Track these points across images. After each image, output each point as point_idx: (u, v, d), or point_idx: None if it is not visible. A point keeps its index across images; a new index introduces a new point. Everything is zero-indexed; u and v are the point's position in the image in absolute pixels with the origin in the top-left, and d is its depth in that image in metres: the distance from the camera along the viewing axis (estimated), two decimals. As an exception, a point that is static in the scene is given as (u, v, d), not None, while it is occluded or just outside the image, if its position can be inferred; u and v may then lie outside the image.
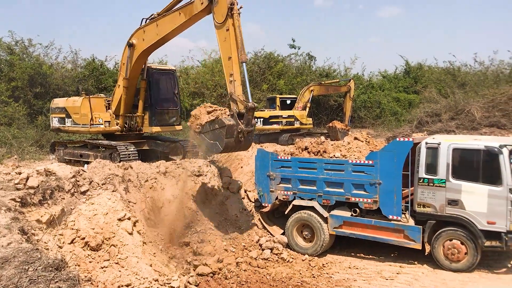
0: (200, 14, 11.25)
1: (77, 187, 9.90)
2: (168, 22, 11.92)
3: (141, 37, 12.71)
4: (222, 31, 10.50)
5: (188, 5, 11.32)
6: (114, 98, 13.93)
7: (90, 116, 13.75)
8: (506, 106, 22.18)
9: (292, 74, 32.41)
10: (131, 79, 13.35)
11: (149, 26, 12.48)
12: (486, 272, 9.96)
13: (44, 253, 7.71)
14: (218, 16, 10.54)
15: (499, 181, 9.53)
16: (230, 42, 10.34)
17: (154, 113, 14.39)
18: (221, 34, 10.56)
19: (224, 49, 10.57)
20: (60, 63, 28.79)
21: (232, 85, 10.35)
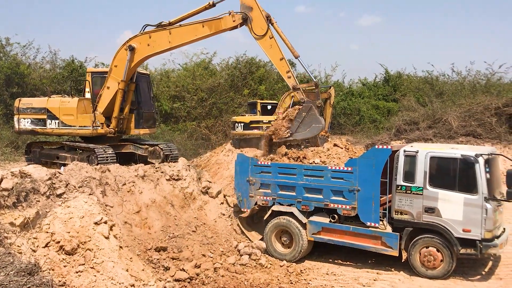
0: (227, 29, 12.17)
1: (53, 189, 9.71)
2: (187, 32, 12.47)
3: (146, 42, 12.86)
4: (265, 41, 11.93)
5: (215, 20, 12.13)
6: (102, 100, 13.66)
7: (94, 118, 13.43)
8: (482, 116, 22.65)
9: (273, 79, 32.53)
10: (126, 82, 13.37)
11: (159, 33, 12.70)
12: (461, 279, 10.09)
13: (17, 257, 7.54)
14: (257, 29, 11.91)
15: (475, 189, 9.69)
16: (277, 47, 11.95)
17: (142, 116, 14.31)
18: (265, 43, 11.96)
19: (273, 54, 12.07)
20: (38, 63, 28.38)
21: (291, 79, 12.10)
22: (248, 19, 11.92)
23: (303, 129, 11.98)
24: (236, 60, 32.86)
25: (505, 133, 21.91)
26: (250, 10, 11.97)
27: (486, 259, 10.96)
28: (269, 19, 11.92)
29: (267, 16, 11.90)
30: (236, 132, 23.63)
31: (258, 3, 11.99)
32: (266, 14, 11.90)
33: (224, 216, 12.86)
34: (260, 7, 11.95)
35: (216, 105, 29.44)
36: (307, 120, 11.89)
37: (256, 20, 11.91)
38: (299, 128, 11.93)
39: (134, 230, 10.88)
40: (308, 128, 11.89)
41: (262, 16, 11.87)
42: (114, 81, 13.38)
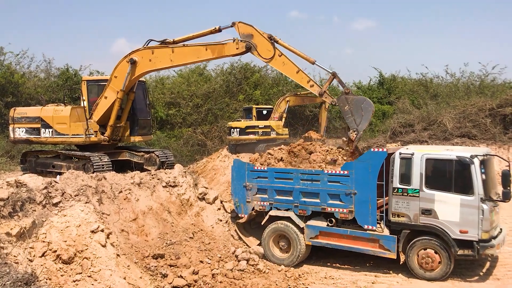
0: (229, 55, 12.34)
1: (49, 198, 9.68)
2: (190, 53, 12.49)
3: (148, 57, 12.83)
4: (276, 61, 11.91)
5: (218, 45, 12.14)
6: (98, 109, 13.68)
7: (86, 127, 13.40)
8: (476, 117, 22.76)
9: (268, 84, 32.58)
10: (125, 92, 13.39)
11: (162, 50, 12.68)
12: (459, 281, 10.11)
13: (14, 267, 7.51)
14: (264, 53, 11.89)
15: (471, 190, 9.72)
16: (290, 62, 11.87)
17: (137, 123, 14.30)
18: (276, 63, 11.97)
19: (288, 70, 12.02)
20: (32, 72, 28.29)
21: (315, 87, 11.93)
22: (252, 47, 11.91)
23: (359, 116, 11.49)
24: (230, 66, 32.91)
25: (500, 133, 22.02)
26: (251, 38, 11.95)
27: (483, 259, 10.98)
28: (272, 39, 11.89)
29: (269, 37, 11.88)
30: (232, 137, 23.68)
31: (256, 28, 11.95)
32: (268, 35, 11.90)
33: (221, 222, 12.84)
34: (260, 32, 11.92)
35: (212, 111, 29.45)
36: (354, 108, 11.52)
37: (260, 45, 11.91)
38: (357, 119, 11.48)
39: (131, 238, 10.83)
40: (362, 112, 11.45)
41: (265, 39, 11.87)
42: (112, 92, 13.36)
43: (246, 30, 12.00)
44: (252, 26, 11.92)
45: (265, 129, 23.47)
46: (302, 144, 12.76)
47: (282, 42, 11.98)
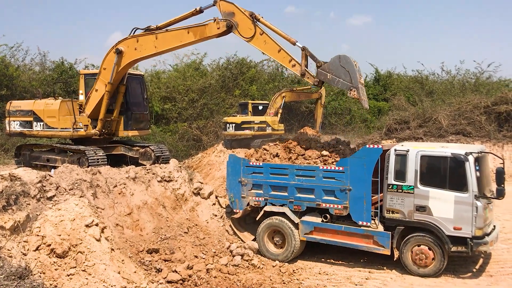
0: (213, 36, 11.82)
1: (43, 192, 9.64)
2: (172, 38, 12.12)
3: (133, 46, 12.59)
4: (257, 39, 11.36)
5: (200, 27, 11.73)
6: (90, 102, 13.61)
7: (74, 120, 13.33)
8: (471, 114, 22.87)
9: (264, 80, 32.58)
10: (114, 85, 13.19)
11: (146, 37, 12.42)
12: (453, 277, 10.17)
13: (7, 261, 7.49)
14: (245, 32, 11.39)
15: (465, 187, 9.76)
16: (272, 40, 11.29)
17: (130, 117, 14.19)
18: (258, 42, 11.38)
19: (269, 49, 11.40)
20: (27, 65, 28.14)
21: (297, 66, 11.24)
22: (233, 25, 11.47)
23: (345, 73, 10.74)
24: (227, 61, 32.85)
25: (495, 131, 22.13)
26: (232, 16, 11.51)
27: (476, 256, 11.04)
28: (253, 17, 11.38)
29: (251, 14, 11.38)
30: (227, 132, 23.65)
31: (237, 5, 11.51)
32: (250, 13, 11.38)
33: (216, 217, 12.84)
34: (241, 9, 11.47)
35: (207, 106, 29.40)
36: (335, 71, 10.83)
37: (241, 23, 11.44)
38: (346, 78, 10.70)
39: (126, 232, 10.82)
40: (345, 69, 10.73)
41: (246, 17, 11.40)
42: (102, 84, 13.26)
43: (228, 8, 11.57)
44: (233, 3, 11.49)
45: (261, 125, 23.46)
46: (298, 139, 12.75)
47: (264, 20, 11.46)
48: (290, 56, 11.26)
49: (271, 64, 34.85)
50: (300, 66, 11.26)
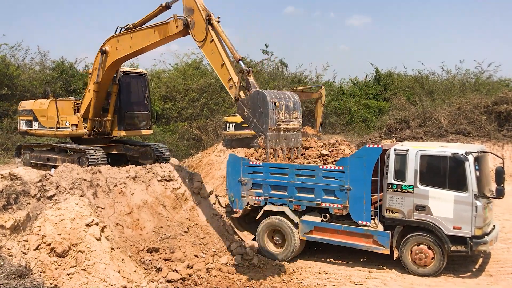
0: (176, 36, 10.84)
1: (44, 191, 9.65)
2: (143, 37, 11.39)
3: (115, 46, 12.14)
4: (206, 46, 10.02)
5: (162, 25, 10.84)
6: (84, 102, 13.63)
7: (56, 119, 13.43)
8: (471, 114, 22.88)
9: (264, 79, 32.56)
10: (103, 84, 12.94)
11: (124, 36, 11.91)
12: (452, 276, 10.18)
13: (7, 260, 7.51)
14: (198, 35, 10.11)
15: (465, 187, 9.77)
16: (218, 51, 9.84)
17: (123, 117, 14.08)
18: (207, 49, 10.06)
19: (214, 60, 10.05)
20: (27, 64, 28.16)
21: (233, 89, 9.66)
22: (189, 24, 10.18)
23: (259, 114, 8.89)
24: (227, 60, 32.80)
25: (495, 131, 22.14)
26: (191, 13, 10.18)
27: (476, 256, 11.06)
28: (209, 19, 9.91)
29: (207, 16, 9.92)
30: (227, 132, 23.64)
31: (198, 2, 10.13)
32: (207, 14, 9.95)
33: (216, 216, 12.85)
34: (200, 7, 10.04)
35: (207, 105, 29.42)
36: (252, 108, 9.05)
37: (197, 24, 10.09)
38: (259, 120, 8.91)
39: (126, 232, 10.83)
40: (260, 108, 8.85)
41: (202, 19, 9.98)
42: (93, 84, 13.17)
43: (189, 3, 10.26)
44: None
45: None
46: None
47: (218, 25, 9.93)
48: (231, 75, 9.71)
49: (271, 64, 34.88)
50: (236, 91, 9.57)
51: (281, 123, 8.79)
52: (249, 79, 9.35)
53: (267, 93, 8.72)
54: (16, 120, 23.06)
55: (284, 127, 8.92)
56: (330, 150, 12.06)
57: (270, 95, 8.69)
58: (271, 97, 8.65)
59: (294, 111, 8.99)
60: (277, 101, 8.70)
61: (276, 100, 8.68)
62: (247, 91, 9.25)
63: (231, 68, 9.74)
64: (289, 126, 9.01)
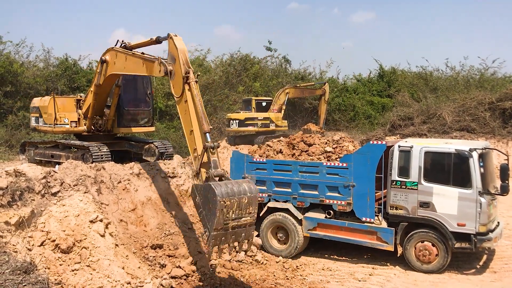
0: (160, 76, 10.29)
1: (48, 188, 9.69)
2: (134, 64, 10.89)
3: (113, 59, 11.69)
4: (181, 104, 9.26)
5: (149, 62, 10.22)
6: (86, 100, 13.67)
7: (54, 116, 13.54)
8: (475, 110, 22.77)
9: (268, 76, 32.53)
10: (103, 88, 12.76)
11: (121, 54, 11.27)
12: (456, 273, 10.17)
13: (12, 256, 7.54)
14: (176, 88, 9.34)
15: (469, 184, 9.75)
16: (190, 115, 8.97)
17: (123, 114, 14.09)
18: (181, 107, 9.33)
19: (185, 122, 9.25)
20: (31, 61, 28.21)
21: (196, 162, 8.78)
22: (170, 74, 9.40)
23: (208, 210, 7.92)
24: (230, 57, 32.82)
25: (499, 127, 22.05)
26: (173, 62, 9.35)
27: (480, 253, 11.05)
28: (187, 77, 8.98)
29: (186, 73, 8.98)
30: (231, 129, 23.67)
31: (180, 53, 9.18)
32: (186, 70, 8.98)
33: (219, 213, 12.84)
34: (181, 61, 9.08)
35: (211, 102, 29.40)
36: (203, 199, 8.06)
37: (176, 76, 9.28)
38: (206, 215, 7.98)
39: (130, 228, 10.86)
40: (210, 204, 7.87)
41: (180, 74, 9.09)
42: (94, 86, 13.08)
43: (173, 51, 9.45)
44: (177, 49, 9.25)
45: (264, 121, 23.46)
46: (301, 136, 12.74)
47: (194, 87, 8.94)
48: (196, 146, 8.83)
49: (274, 61, 34.84)
50: (197, 164, 8.72)
51: (230, 221, 7.92)
52: (212, 157, 8.45)
53: (218, 190, 7.71)
54: (19, 117, 23.37)
55: (234, 224, 8.04)
56: (333, 146, 12.06)
57: (221, 192, 7.72)
58: (221, 195, 7.70)
59: (248, 207, 8.10)
60: (229, 200, 7.77)
61: (228, 198, 7.76)
62: (207, 171, 8.43)
63: (199, 138, 8.80)
64: (239, 222, 8.11)
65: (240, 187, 8.02)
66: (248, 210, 8.13)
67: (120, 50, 11.29)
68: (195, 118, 8.89)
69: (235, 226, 8.07)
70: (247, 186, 8.12)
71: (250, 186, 8.16)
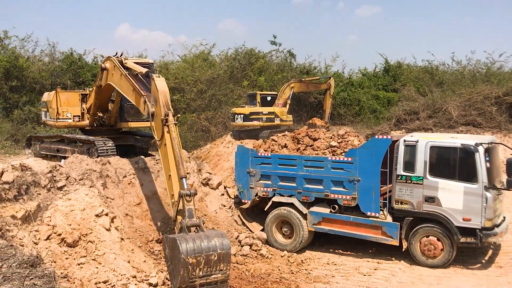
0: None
1: (54, 182, 9.74)
2: (125, 86, 10.71)
3: (112, 70, 11.36)
4: (162, 147, 9.14)
5: (138, 94, 10.09)
6: (90, 96, 13.73)
7: (56, 110, 13.62)
8: (482, 105, 22.62)
9: (272, 70, 32.41)
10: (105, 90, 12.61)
11: (118, 69, 11.00)
12: (461, 268, 10.15)
13: (19, 250, 7.59)
14: (157, 130, 9.23)
15: (475, 178, 9.71)
16: (168, 160, 8.79)
17: (124, 109, 14.08)
18: (161, 150, 9.22)
19: (165, 166, 9.12)
20: (37, 56, 28.29)
21: (173, 208, 8.60)
22: (152, 116, 9.31)
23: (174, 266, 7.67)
24: (235, 51, 32.72)
25: (505, 122, 21.90)
26: (155, 104, 9.29)
27: (486, 247, 11.01)
28: (166, 120, 8.87)
29: (165, 115, 8.88)
30: (236, 123, 23.63)
31: (161, 97, 9.08)
32: (165, 112, 8.90)
33: (224, 207, 12.90)
34: (161, 103, 9.01)
35: (216, 96, 29.37)
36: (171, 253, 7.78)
37: (158, 119, 9.14)
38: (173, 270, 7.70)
39: (135, 222, 10.91)
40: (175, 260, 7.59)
41: (160, 118, 9.02)
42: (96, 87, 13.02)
43: (154, 92, 9.38)
44: (158, 91, 9.14)
45: (269, 116, 23.40)
46: (307, 131, 12.73)
47: (173, 130, 8.82)
48: (174, 190, 8.61)
49: (279, 55, 34.71)
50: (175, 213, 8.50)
51: (197, 279, 7.59)
52: (187, 206, 8.16)
53: (183, 246, 7.38)
54: (25, 112, 23.49)
55: (202, 282, 7.67)
56: (339, 141, 12.04)
57: (186, 249, 7.38)
58: (186, 252, 7.37)
59: (218, 264, 7.72)
60: (194, 258, 7.44)
61: (193, 256, 7.43)
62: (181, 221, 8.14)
63: (176, 184, 8.59)
64: (208, 279, 7.72)
65: (210, 243, 7.61)
66: (219, 267, 7.73)
67: (117, 64, 10.99)
68: (173, 163, 8.68)
69: (204, 283, 7.67)
70: (218, 242, 7.68)
71: (222, 241, 7.72)
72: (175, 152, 8.61)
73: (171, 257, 7.75)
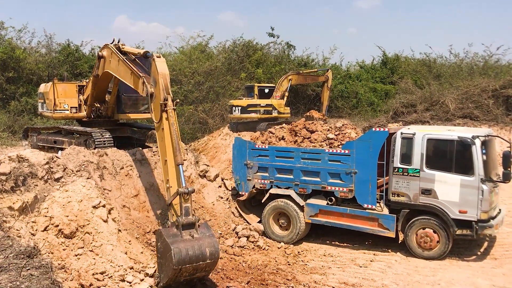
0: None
1: (51, 173, 9.73)
2: (123, 71, 10.51)
3: (109, 57, 11.14)
4: (159, 131, 9.07)
5: (136, 76, 9.90)
6: (87, 87, 13.68)
7: (53, 102, 13.59)
8: (479, 98, 22.65)
9: (270, 63, 32.32)
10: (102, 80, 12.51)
11: (115, 55, 10.77)
12: (457, 260, 10.22)
13: (16, 241, 7.60)
14: (156, 113, 9.09)
15: (471, 171, 9.75)
16: (165, 144, 8.79)
17: (121, 101, 14.03)
18: (158, 134, 9.16)
19: (161, 150, 9.09)
20: (33, 47, 28.15)
21: (168, 192, 8.65)
22: (151, 97, 9.16)
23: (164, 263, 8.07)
24: (233, 43, 32.59)
25: (502, 115, 21.96)
26: (155, 85, 9.13)
27: (481, 239, 11.09)
28: (165, 104, 8.78)
29: (164, 99, 8.79)
30: (233, 115, 23.62)
31: (160, 79, 8.94)
32: (164, 97, 8.79)
33: (222, 199, 12.92)
34: (161, 86, 8.87)
35: (213, 88, 29.32)
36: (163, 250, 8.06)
37: (156, 100, 9.02)
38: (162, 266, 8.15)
39: (133, 214, 10.92)
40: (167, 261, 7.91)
41: (158, 101, 8.91)
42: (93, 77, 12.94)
43: (154, 73, 9.22)
44: (158, 73, 9.00)
45: (267, 108, 23.38)
46: (304, 123, 12.74)
47: (171, 115, 8.77)
48: (168, 177, 8.71)
49: (277, 47, 34.61)
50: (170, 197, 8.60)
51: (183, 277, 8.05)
52: (184, 204, 8.20)
53: (176, 257, 7.60)
54: (22, 103, 23.41)
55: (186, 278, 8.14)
56: (336, 133, 12.05)
57: (178, 261, 7.62)
58: (178, 263, 7.62)
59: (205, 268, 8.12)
60: (185, 269, 7.78)
61: (184, 266, 7.73)
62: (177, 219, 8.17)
63: (172, 170, 8.61)
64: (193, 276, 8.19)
65: (201, 253, 7.86)
66: (205, 269, 8.14)
67: (114, 51, 10.83)
68: (170, 148, 8.68)
69: (188, 279, 8.22)
70: (209, 252, 7.92)
71: (212, 251, 7.97)
72: (173, 138, 8.62)
73: (162, 255, 8.07)
